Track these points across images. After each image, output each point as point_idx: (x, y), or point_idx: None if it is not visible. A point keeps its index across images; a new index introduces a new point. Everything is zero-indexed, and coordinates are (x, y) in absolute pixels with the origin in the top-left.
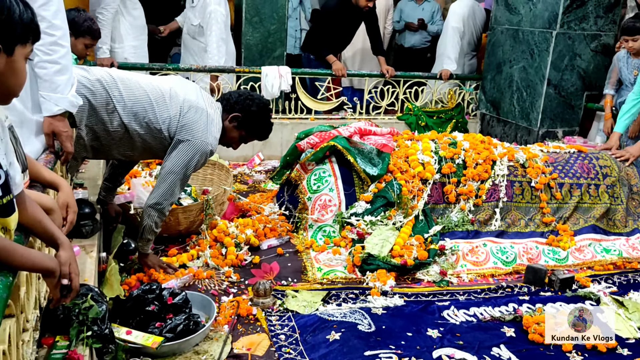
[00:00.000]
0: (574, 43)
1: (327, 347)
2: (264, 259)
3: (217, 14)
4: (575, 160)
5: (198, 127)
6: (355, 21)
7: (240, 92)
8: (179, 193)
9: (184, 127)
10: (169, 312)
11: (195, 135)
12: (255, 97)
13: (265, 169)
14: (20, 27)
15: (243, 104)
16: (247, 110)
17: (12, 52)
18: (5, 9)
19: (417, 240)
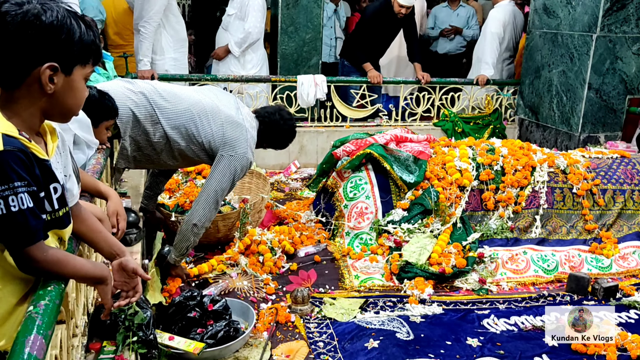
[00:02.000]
0: (615, 46)
1: (366, 355)
2: (301, 266)
3: (255, 2)
4: (618, 166)
5: (240, 142)
6: (394, 28)
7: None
8: (219, 208)
9: (227, 143)
10: (209, 319)
11: (238, 150)
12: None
13: (301, 176)
14: (80, 47)
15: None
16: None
17: (71, 72)
18: (66, 29)
19: (455, 248)
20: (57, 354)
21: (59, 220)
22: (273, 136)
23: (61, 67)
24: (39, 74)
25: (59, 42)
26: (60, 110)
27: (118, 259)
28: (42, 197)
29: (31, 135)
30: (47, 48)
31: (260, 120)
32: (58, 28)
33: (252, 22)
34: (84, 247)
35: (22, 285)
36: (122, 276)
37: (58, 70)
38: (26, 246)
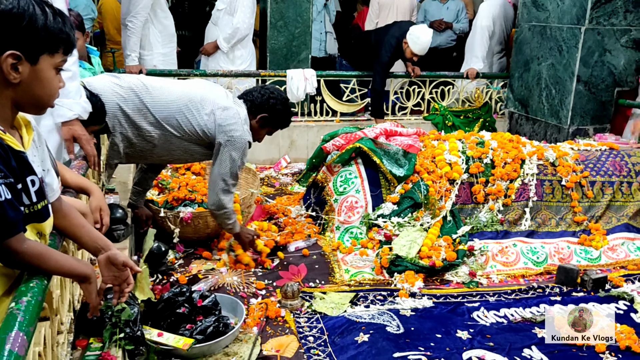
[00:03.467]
0: (603, 39)
1: (356, 349)
2: (291, 261)
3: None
4: (607, 158)
5: (235, 125)
6: None
7: (261, 92)
8: (234, 187)
9: (222, 128)
10: (199, 314)
11: (235, 133)
12: (277, 95)
13: (291, 171)
14: (46, 35)
15: (268, 104)
16: (273, 110)
17: (37, 61)
18: (27, 16)
19: (445, 241)
20: (40, 350)
21: (37, 213)
22: (277, 117)
23: (25, 56)
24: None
25: (19, 29)
26: (30, 100)
27: (104, 253)
28: (20, 189)
29: (5, 127)
30: (6, 36)
31: (245, 100)
32: (18, 15)
33: (241, 17)
34: (69, 243)
35: (5, 279)
36: (111, 270)
37: (22, 59)
38: (5, 238)
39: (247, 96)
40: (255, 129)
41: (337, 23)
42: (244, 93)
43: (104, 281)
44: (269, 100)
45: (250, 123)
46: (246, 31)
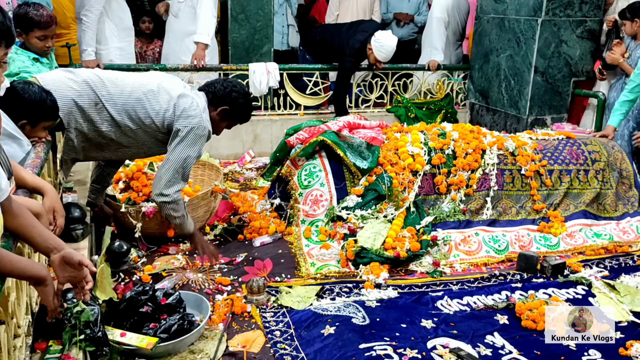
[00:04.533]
0: (559, 30)
1: (322, 342)
2: (257, 256)
3: None
4: (564, 147)
5: (194, 112)
6: None
7: (223, 84)
8: (185, 180)
9: (181, 116)
10: (163, 313)
11: (193, 120)
12: (239, 88)
13: (256, 166)
14: None
15: (230, 96)
16: (234, 103)
17: None
18: None
19: (409, 232)
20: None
21: None
22: (238, 110)
23: None
24: None
25: None
26: None
27: (56, 253)
28: None
29: None
30: None
31: (207, 91)
32: None
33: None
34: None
35: None
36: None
37: None
38: None
39: (209, 87)
40: (216, 121)
41: (299, 15)
42: (205, 84)
43: (60, 282)
44: (231, 93)
45: (211, 115)
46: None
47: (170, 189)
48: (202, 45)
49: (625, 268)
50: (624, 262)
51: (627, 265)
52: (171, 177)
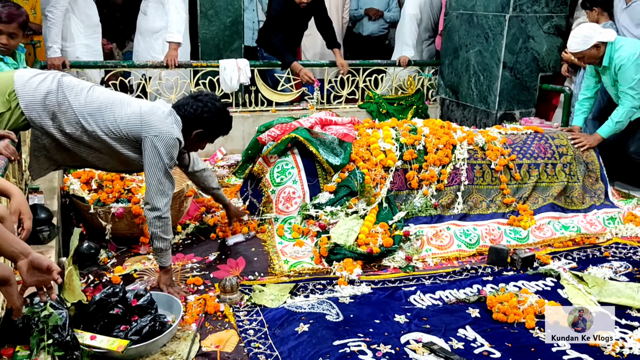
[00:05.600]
0: (526, 26)
1: (296, 340)
2: (229, 254)
3: None
4: (532, 141)
5: (161, 123)
6: (302, 19)
7: (194, 106)
8: (170, 189)
9: (147, 125)
10: (133, 315)
11: (161, 129)
12: (211, 107)
13: (228, 163)
14: None
15: (201, 118)
16: (208, 124)
17: None
18: None
19: (381, 228)
20: None
21: None
22: (213, 130)
23: None
24: None
25: None
26: None
27: (23, 258)
28: None
29: None
30: None
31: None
32: None
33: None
34: None
35: None
36: (35, 275)
37: None
38: None
39: (179, 110)
40: (192, 141)
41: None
42: (175, 106)
43: (27, 285)
44: (203, 115)
45: (186, 139)
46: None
47: (160, 201)
48: (174, 45)
49: (593, 259)
50: (592, 254)
51: (595, 257)
52: (157, 187)
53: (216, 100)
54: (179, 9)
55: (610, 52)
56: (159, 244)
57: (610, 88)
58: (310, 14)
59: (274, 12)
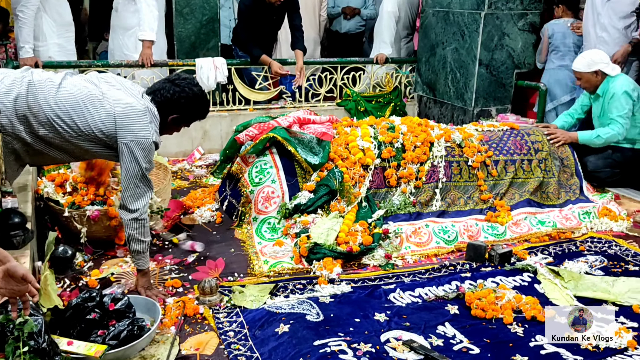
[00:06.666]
0: (502, 23)
1: (277, 340)
2: (208, 255)
3: None
4: (508, 138)
5: (137, 125)
6: (275, 17)
7: (171, 90)
8: (147, 192)
9: (122, 128)
10: (111, 319)
11: (137, 133)
12: (189, 91)
13: (206, 163)
14: None
15: (178, 103)
16: (185, 109)
17: None
18: None
19: (361, 226)
20: None
21: None
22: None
23: None
24: None
25: None
26: None
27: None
28: None
29: None
30: None
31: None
32: None
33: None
34: None
35: None
36: (10, 283)
37: None
38: None
39: (155, 96)
40: (168, 127)
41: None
42: (152, 90)
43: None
44: (180, 100)
45: (163, 122)
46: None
47: (137, 202)
48: (147, 43)
49: (569, 254)
50: (567, 248)
51: (571, 251)
52: (134, 190)
53: (194, 84)
54: (151, 6)
55: (607, 84)
56: (136, 247)
57: (595, 118)
58: (282, 12)
59: (242, 7)
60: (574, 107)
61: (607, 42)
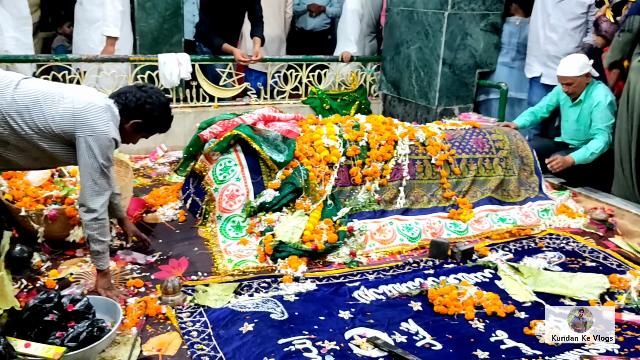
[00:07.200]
0: (464, 23)
1: (241, 340)
2: (171, 255)
3: None
4: (470, 136)
5: (96, 121)
6: (238, 6)
7: (136, 94)
8: (106, 190)
9: (81, 123)
10: (70, 320)
11: (96, 128)
12: (155, 101)
13: (169, 160)
14: None
15: (143, 109)
16: (148, 116)
17: None
18: None
19: (326, 224)
20: None
21: None
22: (152, 123)
23: None
24: None
25: None
26: None
27: None
28: None
29: None
30: None
31: (117, 101)
32: None
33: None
34: None
35: None
36: None
37: None
38: None
39: (119, 98)
40: (129, 133)
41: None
42: (117, 94)
43: None
44: (145, 105)
45: (122, 127)
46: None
47: (95, 202)
48: (110, 40)
49: (528, 250)
50: (527, 245)
51: (530, 248)
52: (93, 187)
53: (161, 94)
54: (115, 1)
55: (589, 89)
56: (95, 247)
57: (571, 122)
58: (245, 2)
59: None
60: (539, 105)
61: (556, 43)
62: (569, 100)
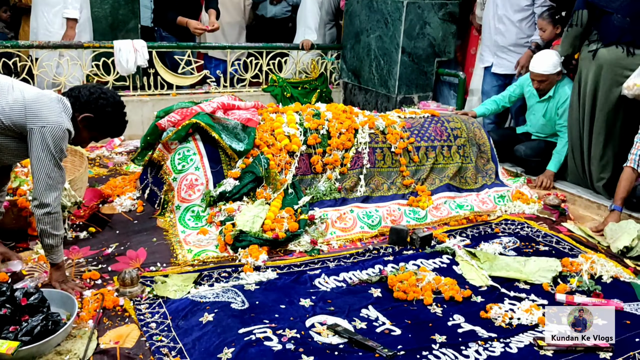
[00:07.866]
0: (423, 12)
1: (201, 330)
2: (129, 246)
3: None
4: (429, 124)
5: (48, 112)
6: None
7: (91, 90)
8: (60, 183)
9: (33, 114)
10: (24, 314)
11: (49, 119)
12: (109, 96)
13: (126, 150)
14: None
15: (96, 104)
16: (101, 112)
17: None
18: None
19: (287, 213)
20: None
21: None
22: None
23: None
24: None
25: None
26: None
27: None
28: None
29: None
30: None
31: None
32: None
33: None
34: None
35: None
36: None
37: None
38: None
39: (72, 92)
40: (79, 130)
41: None
42: (69, 89)
43: None
44: (98, 101)
45: (75, 122)
46: None
47: (49, 196)
48: (71, 22)
49: (485, 236)
50: (484, 231)
51: (486, 234)
52: (46, 181)
53: (117, 95)
54: None
55: (558, 84)
56: (49, 241)
57: (538, 117)
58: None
59: None
60: (502, 94)
61: (503, 34)
62: (536, 95)
